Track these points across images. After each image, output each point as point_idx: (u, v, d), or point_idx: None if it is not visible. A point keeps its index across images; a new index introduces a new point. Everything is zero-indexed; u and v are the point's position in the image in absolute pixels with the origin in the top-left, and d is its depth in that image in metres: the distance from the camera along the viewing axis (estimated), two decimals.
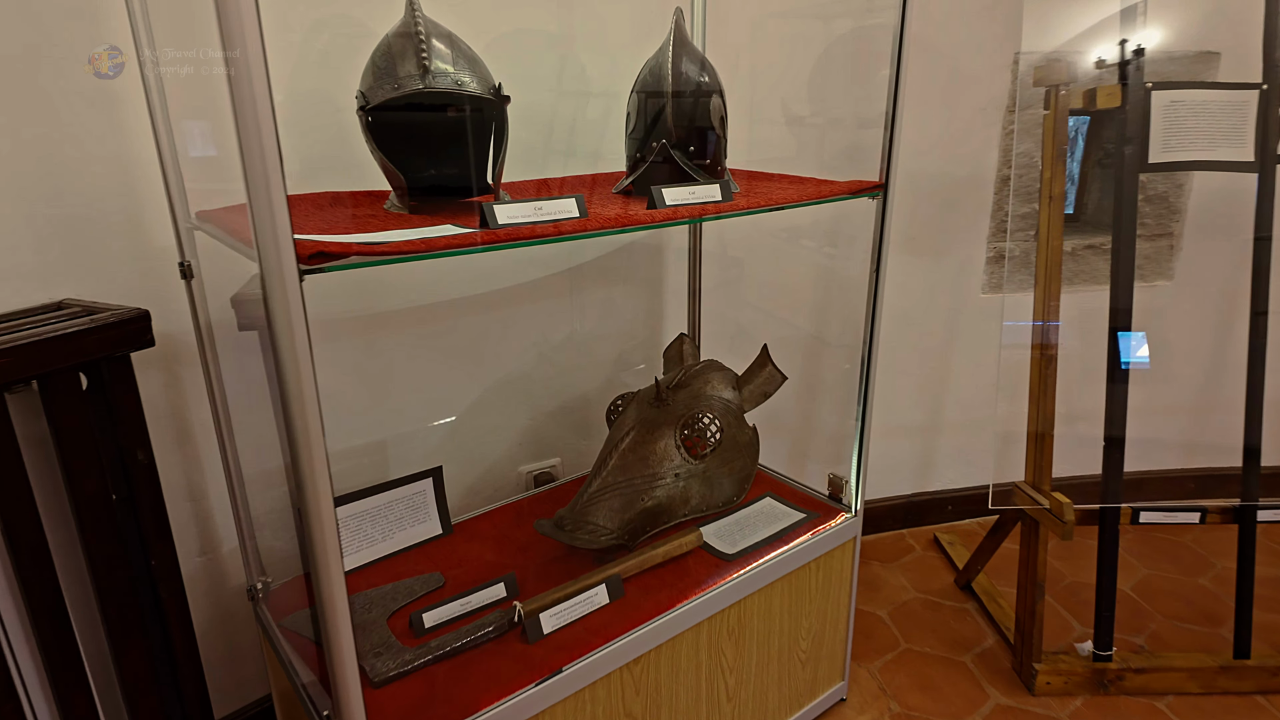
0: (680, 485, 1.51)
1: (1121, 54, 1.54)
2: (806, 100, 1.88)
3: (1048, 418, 1.67)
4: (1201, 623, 1.97)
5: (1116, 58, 1.57)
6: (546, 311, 1.80)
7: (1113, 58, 1.58)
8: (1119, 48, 1.54)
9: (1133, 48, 1.57)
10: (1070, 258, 2.26)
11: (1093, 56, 2.00)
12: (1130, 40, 1.54)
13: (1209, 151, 1.55)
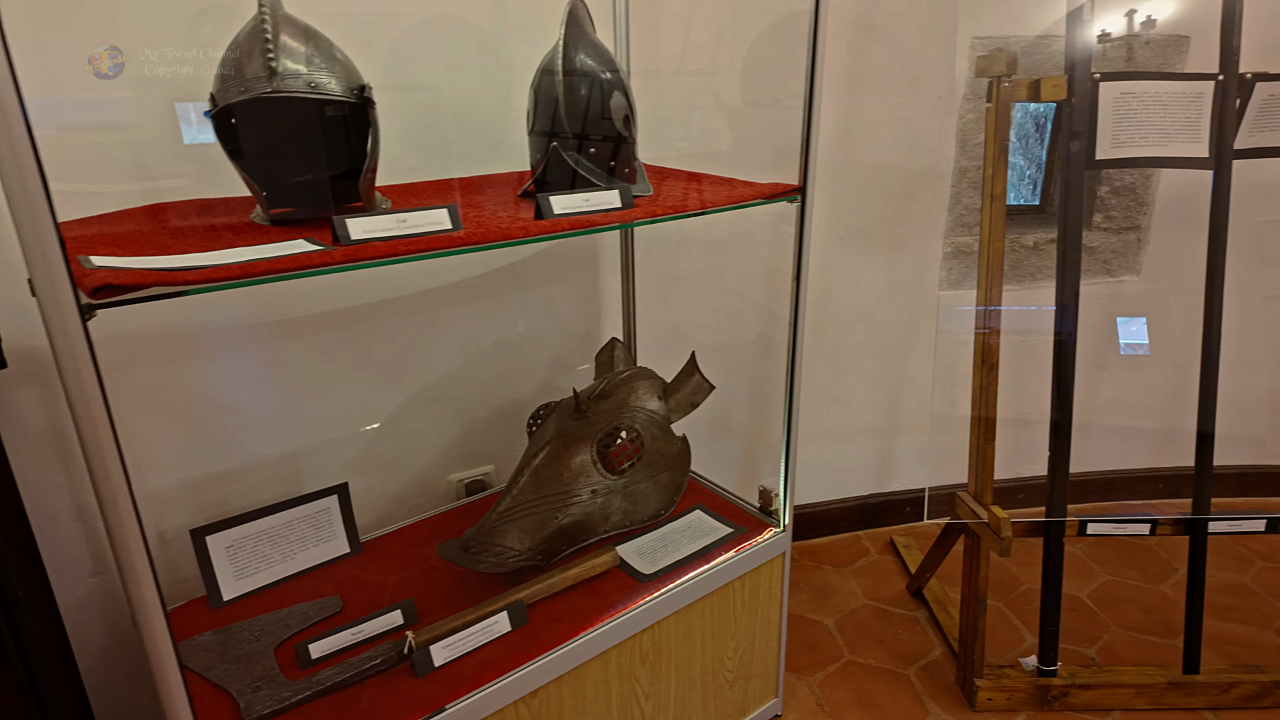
0: (599, 502, 1.44)
1: (1073, 29, 1.44)
2: (740, 92, 1.79)
3: (989, 426, 1.60)
4: (1158, 633, 1.91)
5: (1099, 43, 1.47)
6: (476, 313, 1.72)
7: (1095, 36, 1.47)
8: (1068, 28, 1.44)
9: (1096, 31, 1.47)
10: (1034, 252, 2.18)
11: (1052, 41, 1.91)
12: (1089, 21, 1.44)
13: (1162, 147, 1.46)
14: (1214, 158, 1.47)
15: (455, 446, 1.78)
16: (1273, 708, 1.67)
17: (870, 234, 2.08)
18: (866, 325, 2.17)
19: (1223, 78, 1.44)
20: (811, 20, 1.19)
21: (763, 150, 1.79)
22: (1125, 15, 2.07)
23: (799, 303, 1.37)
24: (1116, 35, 2.10)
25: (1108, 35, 2.17)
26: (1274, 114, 1.47)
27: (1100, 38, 2.09)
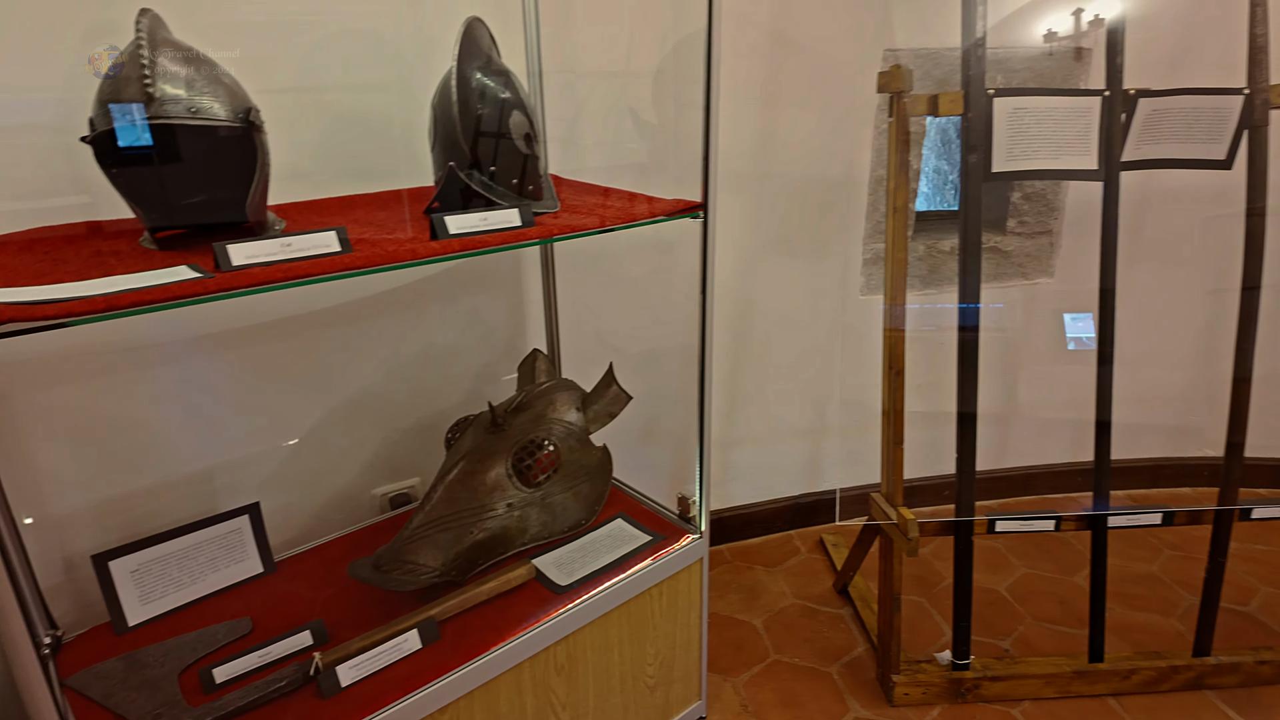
0: (516, 515, 1.45)
1: (969, 46, 1.49)
2: (655, 104, 1.81)
3: (897, 430, 1.65)
4: (1071, 624, 1.99)
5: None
6: (399, 325, 1.72)
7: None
8: (965, 48, 1.49)
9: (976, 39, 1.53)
10: (951, 257, 2.24)
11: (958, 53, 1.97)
12: (982, 39, 1.49)
13: (1054, 160, 1.52)
14: (1103, 169, 1.54)
15: (378, 460, 1.77)
16: (1170, 691, 1.75)
17: (792, 241, 2.12)
18: (792, 330, 2.22)
19: (1109, 94, 1.51)
20: (706, 42, 1.21)
21: (680, 162, 1.82)
22: (1073, 14, 2.16)
23: (706, 317, 1.40)
24: (1063, 34, 2.19)
25: (1054, 34, 2.25)
26: (1157, 127, 1.55)
27: (1046, 36, 2.17)
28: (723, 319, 2.15)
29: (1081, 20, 2.11)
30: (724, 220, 2.04)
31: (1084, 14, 2.10)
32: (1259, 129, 1.53)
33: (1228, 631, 1.91)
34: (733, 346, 2.20)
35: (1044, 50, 2.04)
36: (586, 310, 1.90)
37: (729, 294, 2.12)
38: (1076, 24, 2.14)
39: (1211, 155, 1.57)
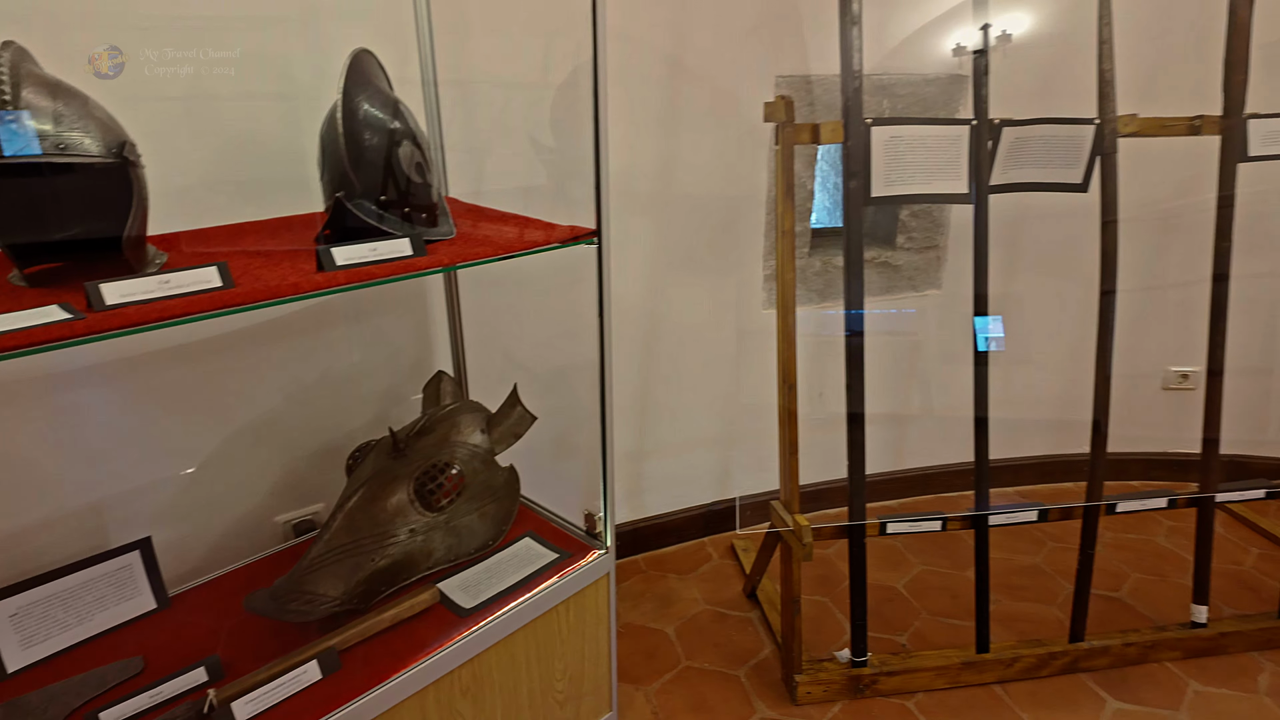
0: (419, 540, 1.45)
1: (846, 75, 1.58)
2: (550, 128, 1.85)
3: (793, 441, 1.72)
4: (962, 616, 2.11)
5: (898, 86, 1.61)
6: (299, 348, 1.70)
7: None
8: (844, 71, 1.58)
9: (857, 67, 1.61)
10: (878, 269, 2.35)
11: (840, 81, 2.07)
12: (859, 71, 1.58)
13: (928, 184, 1.63)
14: (973, 193, 1.65)
15: (280, 486, 1.75)
16: (1049, 676, 1.89)
17: (698, 258, 2.19)
18: (700, 343, 2.28)
19: (976, 123, 1.62)
20: (592, 74, 1.25)
21: (582, 186, 1.86)
22: (980, 29, 2.28)
23: (604, 342, 1.43)
24: (971, 48, 2.30)
25: (963, 49, 2.37)
26: (1021, 154, 1.67)
27: (955, 50, 2.28)
28: (633, 334, 2.20)
29: (990, 35, 2.24)
30: (632, 238, 2.09)
31: (991, 29, 2.23)
32: (1109, 155, 1.67)
33: (1102, 617, 2.07)
34: (644, 361, 2.25)
35: (924, 78, 2.17)
36: (493, 329, 1.91)
37: (638, 309, 2.18)
38: (985, 39, 2.27)
39: (1069, 179, 1.71)
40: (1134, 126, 1.68)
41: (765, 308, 2.31)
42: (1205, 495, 1.90)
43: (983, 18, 1.62)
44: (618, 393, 2.24)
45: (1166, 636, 1.93)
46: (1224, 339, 1.82)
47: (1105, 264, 1.73)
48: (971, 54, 2.06)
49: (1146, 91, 2.17)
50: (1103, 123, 1.66)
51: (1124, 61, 2.04)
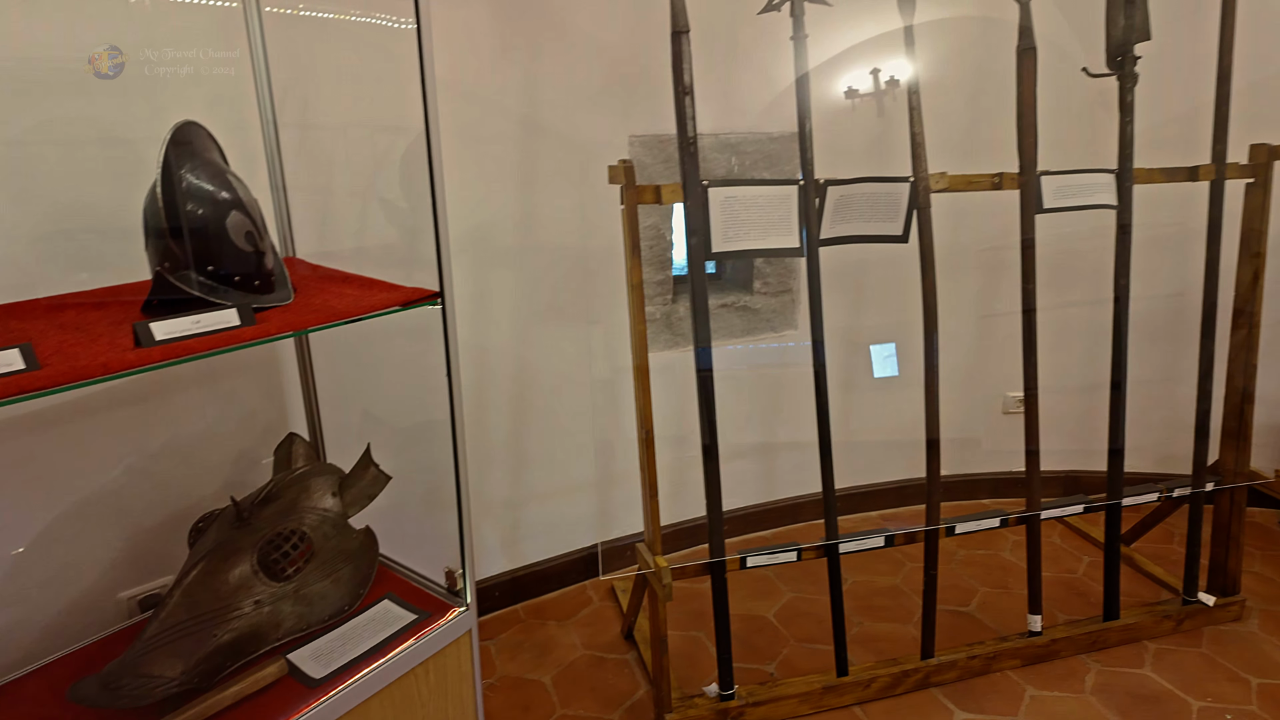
0: (266, 611, 1.42)
1: (682, 140, 1.68)
2: (400, 185, 1.87)
3: (652, 484, 1.79)
4: (829, 641, 2.19)
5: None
6: (140, 416, 1.63)
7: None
8: (680, 138, 1.68)
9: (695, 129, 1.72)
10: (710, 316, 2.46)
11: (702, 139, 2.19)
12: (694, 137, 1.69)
13: (763, 239, 1.75)
14: (804, 246, 1.78)
15: (123, 561, 1.66)
16: (904, 693, 2.00)
17: (565, 307, 2.25)
18: (573, 389, 2.33)
19: (802, 182, 1.76)
20: (425, 136, 1.29)
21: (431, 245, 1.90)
22: (870, 73, 2.46)
23: (454, 400, 1.46)
24: (864, 91, 2.48)
25: (855, 91, 2.54)
26: (846, 209, 1.82)
27: (847, 93, 2.45)
28: (504, 382, 2.23)
29: (880, 79, 2.44)
30: (497, 289, 2.13)
31: (881, 73, 2.43)
32: (923, 209, 1.84)
33: (953, 631, 2.21)
34: (516, 408, 2.27)
35: (769, 136, 2.33)
36: (351, 387, 1.90)
37: (508, 358, 2.21)
38: (875, 82, 2.47)
39: (891, 231, 1.87)
40: (944, 183, 1.85)
41: None
42: (1032, 513, 2.08)
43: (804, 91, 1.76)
44: (492, 441, 2.27)
45: (1007, 647, 2.09)
46: (1035, 367, 2.02)
47: (926, 304, 1.90)
48: (895, 82, 2.25)
49: (966, 149, 2.40)
50: (916, 180, 1.83)
51: (943, 122, 2.26)
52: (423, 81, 1.24)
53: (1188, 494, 2.21)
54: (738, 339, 2.53)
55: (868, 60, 2.40)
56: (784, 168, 2.38)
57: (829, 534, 1.93)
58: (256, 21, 1.50)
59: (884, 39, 2.34)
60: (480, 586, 2.32)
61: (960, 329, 2.83)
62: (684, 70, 1.65)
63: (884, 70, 2.43)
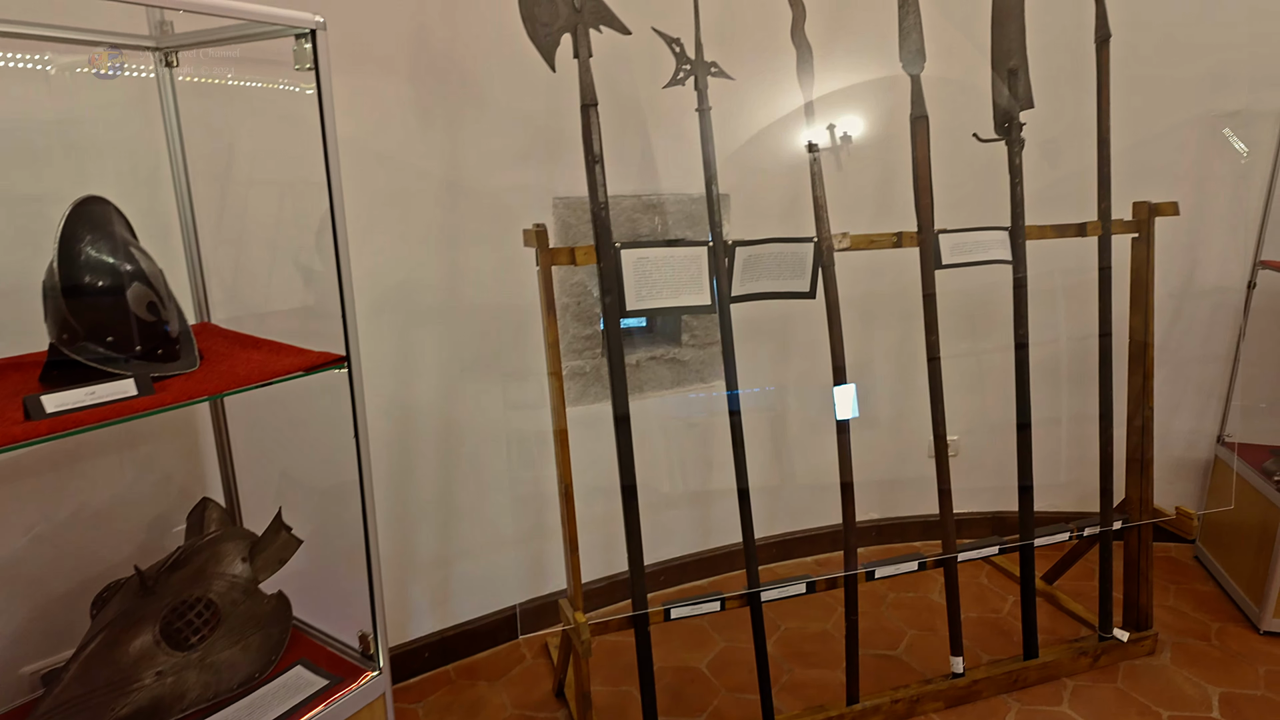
0: (169, 682, 1.40)
1: (594, 206, 1.75)
2: (316, 249, 1.91)
3: (573, 540, 1.81)
4: (757, 690, 2.23)
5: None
6: (45, 484, 1.61)
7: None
8: (592, 203, 1.75)
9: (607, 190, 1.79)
10: (637, 369, 2.52)
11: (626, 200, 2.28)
12: (604, 202, 1.76)
13: (675, 298, 1.82)
14: (714, 304, 1.86)
15: (27, 634, 1.62)
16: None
17: (493, 362, 2.28)
18: (501, 444, 2.35)
19: (712, 244, 1.84)
20: (329, 202, 1.33)
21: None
22: (828, 128, 2.57)
23: (362, 462, 1.47)
24: (823, 146, 2.59)
25: (816, 146, 2.63)
26: (756, 268, 1.90)
27: (809, 148, 2.56)
28: (431, 439, 2.24)
29: (835, 133, 2.56)
30: (422, 347, 2.16)
31: (836, 129, 2.56)
32: (828, 267, 1.93)
33: (880, 675, 2.25)
34: (444, 465, 2.28)
35: (690, 197, 2.42)
36: (270, 448, 1.90)
37: (435, 414, 2.23)
38: (832, 136, 2.58)
39: (798, 288, 1.96)
40: (846, 242, 1.95)
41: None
42: (948, 556, 2.15)
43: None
44: (419, 499, 2.27)
45: (930, 689, 2.13)
46: (943, 413, 2.11)
47: (834, 355, 1.98)
48: (849, 138, 2.36)
49: (882, 206, 2.53)
50: (820, 240, 1.93)
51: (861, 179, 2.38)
52: (325, 148, 1.29)
53: (1098, 533, 2.30)
54: (667, 390, 2.59)
55: (823, 117, 2.55)
56: (705, 227, 2.48)
57: (750, 582, 1.97)
58: (170, 91, 1.54)
59: (836, 95, 2.49)
60: (409, 648, 2.30)
61: (890, 372, 2.94)
62: (593, 140, 1.73)
63: (837, 126, 2.57)
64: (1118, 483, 2.32)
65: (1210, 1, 2.56)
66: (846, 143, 2.64)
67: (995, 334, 2.79)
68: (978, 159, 2.18)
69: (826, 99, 2.55)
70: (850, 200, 2.63)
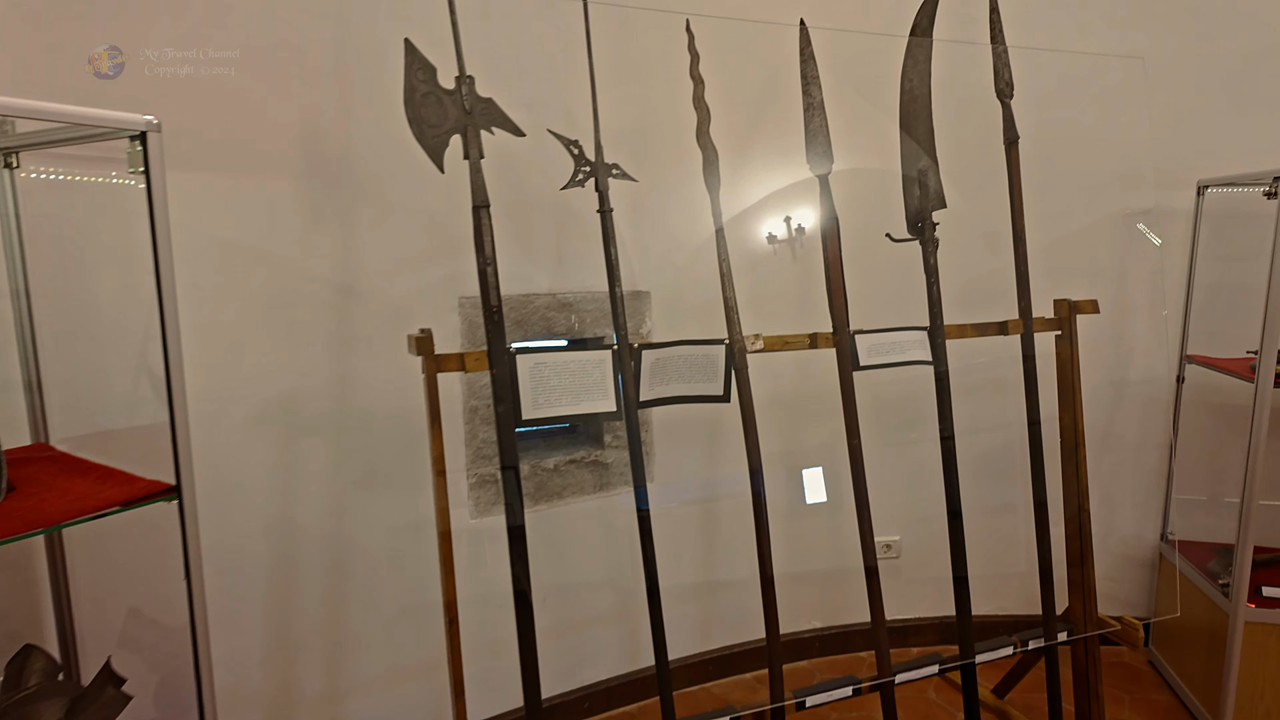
0: None
1: (486, 309, 1.64)
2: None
3: (456, 681, 1.62)
4: None
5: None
6: None
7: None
8: (484, 307, 1.64)
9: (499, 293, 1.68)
10: (555, 474, 2.37)
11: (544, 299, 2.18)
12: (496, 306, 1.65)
13: (576, 405, 1.69)
14: (620, 409, 1.74)
15: None
16: None
17: (389, 474, 2.11)
18: (399, 561, 2.15)
19: (616, 348, 1.74)
20: (159, 314, 1.20)
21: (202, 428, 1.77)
22: (784, 220, 2.53)
23: (193, 606, 1.29)
24: (781, 237, 2.52)
25: (775, 237, 2.57)
26: (664, 371, 1.80)
27: (769, 239, 2.48)
28: (315, 559, 2.04)
29: (791, 225, 2.51)
30: (307, 460, 1.99)
31: (793, 220, 2.51)
32: (740, 370, 1.84)
33: None
34: (334, 590, 2.08)
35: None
36: (116, 582, 1.69)
37: (321, 534, 2.03)
38: (789, 228, 2.53)
39: (711, 391, 1.85)
40: (760, 344, 1.87)
41: (473, 517, 2.25)
42: (884, 680, 1.99)
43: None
44: (301, 629, 2.05)
45: None
46: (869, 521, 2.00)
47: (750, 461, 1.86)
48: (802, 230, 2.28)
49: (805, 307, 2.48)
50: (731, 342, 1.84)
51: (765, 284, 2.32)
52: (155, 251, 1.17)
53: (1042, 646, 2.16)
54: (589, 495, 2.44)
55: (757, 214, 2.54)
56: (628, 324, 2.39)
57: (664, 713, 1.78)
58: (9, 191, 1.42)
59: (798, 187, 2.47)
60: None
61: (828, 469, 2.82)
62: (484, 242, 1.64)
63: (793, 219, 2.55)
64: (1063, 585, 2.21)
65: (1112, 105, 2.63)
66: (801, 234, 2.61)
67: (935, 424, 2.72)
68: (903, 256, 2.14)
69: (774, 194, 2.55)
70: (800, 292, 2.58)
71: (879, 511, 2.83)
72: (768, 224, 2.64)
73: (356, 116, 1.98)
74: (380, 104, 1.94)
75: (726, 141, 1.91)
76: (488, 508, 2.26)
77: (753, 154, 2.51)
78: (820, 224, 1.96)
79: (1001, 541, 2.90)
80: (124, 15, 1.68)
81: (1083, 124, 2.63)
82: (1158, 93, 2.59)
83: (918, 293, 2.09)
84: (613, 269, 1.76)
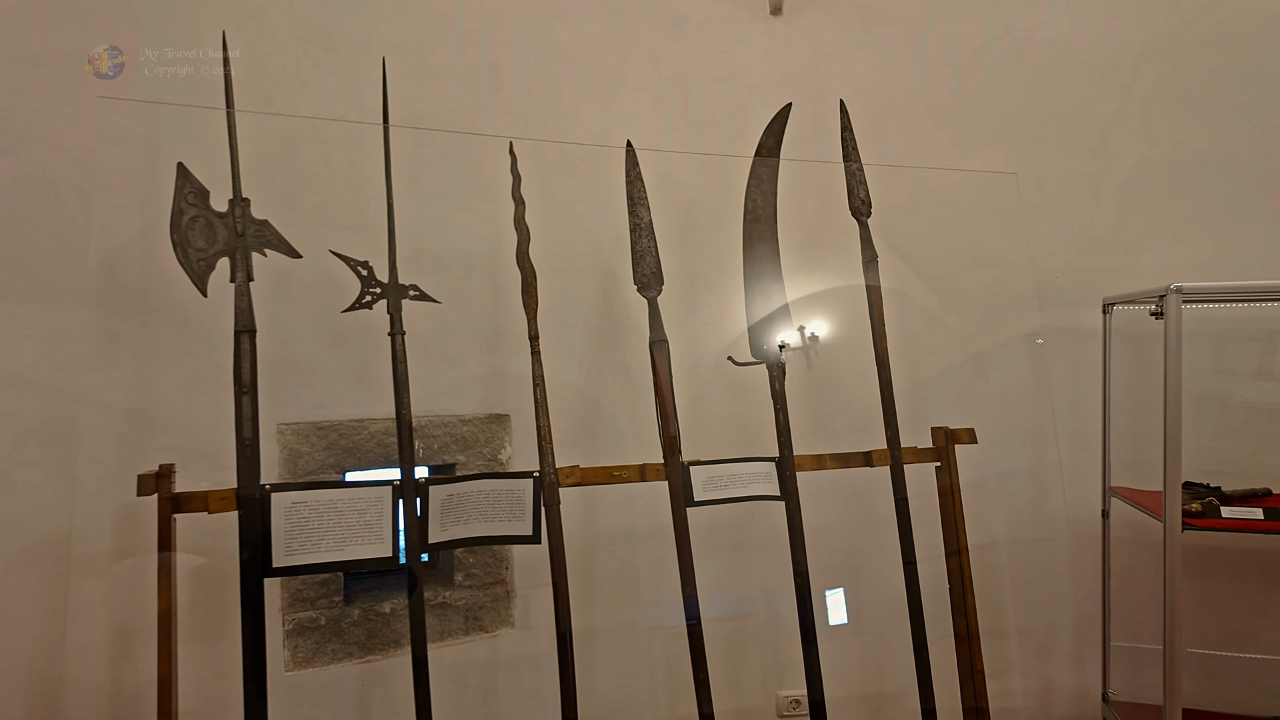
0: None
1: (239, 442, 1.49)
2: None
3: None
4: None
5: None
6: None
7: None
8: (238, 440, 1.49)
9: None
10: (392, 617, 2.14)
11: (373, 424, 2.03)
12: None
13: (340, 551, 1.51)
14: (399, 555, 1.55)
15: None
16: None
17: (191, 625, 1.90)
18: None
19: (398, 483, 1.57)
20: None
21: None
22: (798, 329, 2.36)
23: None
24: (794, 345, 2.35)
25: (786, 345, 2.40)
26: (460, 510, 1.62)
27: (781, 346, 2.32)
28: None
29: (805, 334, 2.35)
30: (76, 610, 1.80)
31: (807, 329, 2.35)
32: (551, 506, 1.65)
33: None
34: None
35: (460, 418, 2.20)
36: None
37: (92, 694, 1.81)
38: (803, 336, 2.37)
39: (520, 531, 1.66)
40: (576, 476, 1.69)
41: (289, 668, 2.01)
42: None
43: None
44: None
45: None
46: (706, 673, 1.73)
47: (558, 611, 1.64)
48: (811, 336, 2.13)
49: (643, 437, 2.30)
50: (542, 474, 1.66)
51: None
52: None
53: None
54: (433, 644, 2.19)
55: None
56: (482, 450, 2.23)
57: None
58: None
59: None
60: None
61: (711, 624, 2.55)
62: (243, 369, 1.52)
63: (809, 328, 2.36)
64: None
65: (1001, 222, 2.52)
66: (814, 342, 2.42)
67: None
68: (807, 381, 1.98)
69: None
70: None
71: (780, 666, 2.55)
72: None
73: (157, 242, 1.90)
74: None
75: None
76: (309, 658, 2.03)
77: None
78: (649, 347, 1.82)
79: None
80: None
81: (981, 243, 2.52)
82: (1058, 209, 2.49)
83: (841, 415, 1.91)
84: (402, 394, 1.62)
